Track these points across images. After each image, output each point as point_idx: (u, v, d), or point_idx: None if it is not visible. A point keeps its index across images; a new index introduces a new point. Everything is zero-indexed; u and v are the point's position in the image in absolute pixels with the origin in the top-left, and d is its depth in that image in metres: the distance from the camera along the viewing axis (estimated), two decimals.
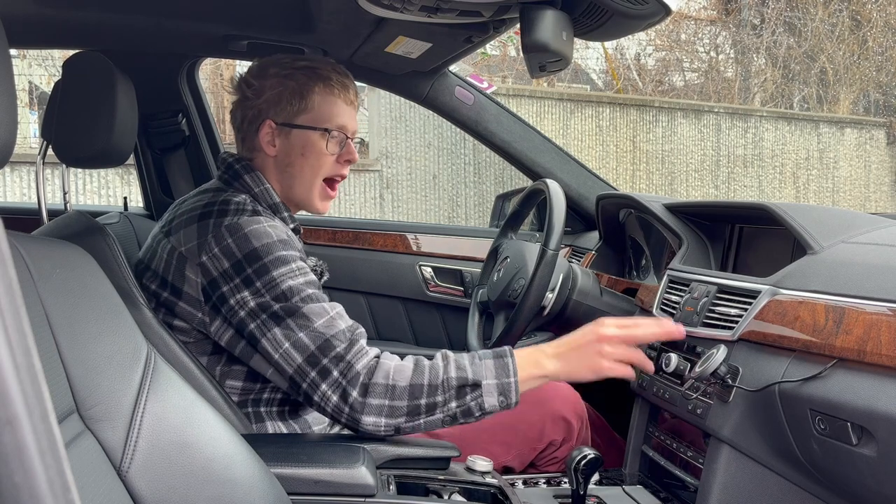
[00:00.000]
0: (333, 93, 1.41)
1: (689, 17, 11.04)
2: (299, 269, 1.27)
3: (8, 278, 0.33)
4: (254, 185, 1.40)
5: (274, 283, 1.23)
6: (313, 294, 1.25)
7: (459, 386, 1.22)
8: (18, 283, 0.34)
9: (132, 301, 1.22)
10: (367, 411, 1.19)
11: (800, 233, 1.28)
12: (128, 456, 0.88)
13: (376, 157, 7.71)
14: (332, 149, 1.41)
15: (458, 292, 2.34)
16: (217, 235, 1.27)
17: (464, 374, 1.22)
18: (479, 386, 1.22)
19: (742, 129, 9.49)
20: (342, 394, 1.19)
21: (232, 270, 1.25)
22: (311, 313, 1.23)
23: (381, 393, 1.19)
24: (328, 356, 1.20)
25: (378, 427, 1.20)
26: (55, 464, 0.34)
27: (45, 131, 1.53)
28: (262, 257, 1.25)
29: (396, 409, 1.20)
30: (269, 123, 1.40)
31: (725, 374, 1.24)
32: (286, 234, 1.30)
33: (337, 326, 1.23)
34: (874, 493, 1.03)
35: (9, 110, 0.64)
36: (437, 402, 1.21)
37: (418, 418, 1.21)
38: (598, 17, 1.25)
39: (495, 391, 1.22)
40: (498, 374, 1.23)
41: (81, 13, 1.70)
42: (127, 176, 6.53)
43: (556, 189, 1.68)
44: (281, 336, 1.22)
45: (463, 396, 1.21)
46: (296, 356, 1.21)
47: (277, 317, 1.23)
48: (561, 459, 1.55)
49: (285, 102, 1.40)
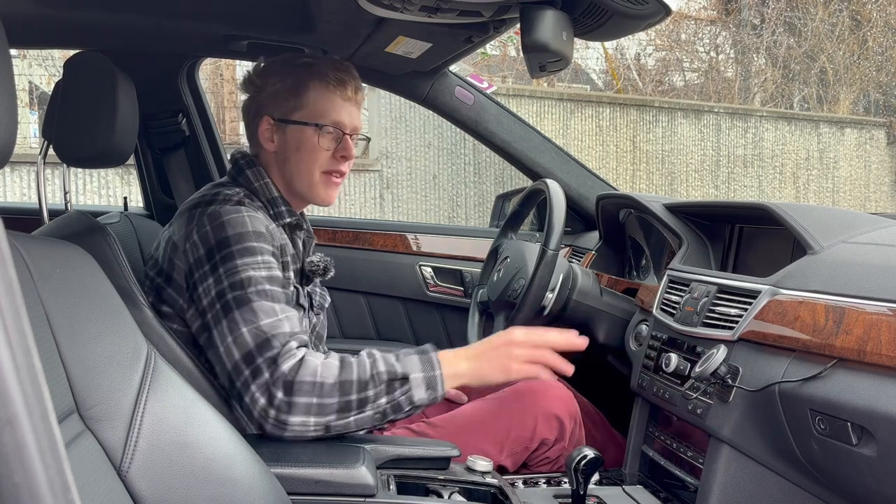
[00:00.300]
0: (329, 88, 1.42)
1: (689, 17, 11.04)
2: (264, 262, 1.29)
3: (8, 278, 0.33)
4: (254, 179, 1.43)
5: (235, 271, 1.25)
6: (269, 291, 1.26)
7: (389, 380, 1.23)
8: (18, 283, 0.34)
9: (132, 301, 1.22)
10: (294, 411, 1.18)
11: (800, 233, 1.28)
12: (128, 456, 0.88)
13: (376, 157, 7.71)
14: (326, 144, 1.42)
15: (458, 292, 2.34)
16: (200, 223, 1.31)
17: (392, 369, 1.23)
18: (407, 379, 1.23)
19: (742, 129, 9.49)
20: (269, 396, 1.18)
21: (205, 257, 1.28)
22: (259, 309, 1.24)
23: (307, 391, 1.19)
24: (263, 356, 1.21)
25: (307, 427, 1.19)
26: (55, 464, 0.34)
27: (45, 131, 1.53)
28: (232, 245, 1.27)
29: (326, 406, 1.19)
30: (266, 119, 1.44)
31: (725, 374, 1.24)
32: (265, 227, 1.32)
33: (280, 328, 1.24)
34: (874, 493, 1.03)
35: (9, 110, 0.64)
36: (368, 396, 1.21)
37: (349, 415, 1.20)
38: (598, 17, 1.25)
39: (423, 384, 1.24)
40: (424, 367, 1.25)
41: (81, 13, 1.70)
42: (127, 176, 6.53)
43: (556, 189, 1.68)
44: (226, 329, 1.24)
45: (393, 391, 1.22)
46: (235, 352, 1.22)
47: (228, 307, 1.24)
48: (553, 459, 1.55)
49: (282, 98, 1.42)
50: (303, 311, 1.44)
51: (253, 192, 1.41)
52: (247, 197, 1.37)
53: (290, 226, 1.46)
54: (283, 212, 1.44)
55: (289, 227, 1.46)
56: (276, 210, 1.43)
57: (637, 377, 1.58)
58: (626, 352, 1.72)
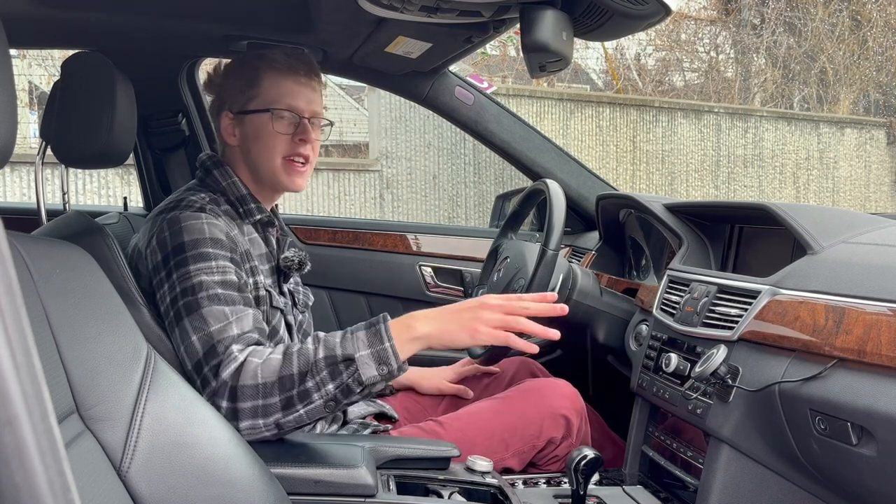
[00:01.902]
0: (281, 73, 1.43)
1: (689, 17, 11.04)
2: (219, 267, 1.28)
3: (8, 278, 0.33)
4: (221, 178, 1.45)
5: (187, 276, 1.26)
6: (221, 294, 1.26)
7: (330, 365, 1.18)
8: (18, 283, 0.34)
9: (132, 301, 1.22)
10: (241, 417, 1.17)
11: (800, 233, 1.28)
12: (128, 456, 0.88)
13: (376, 157, 7.71)
14: (282, 128, 1.43)
15: (458, 292, 2.34)
16: (160, 229, 1.32)
17: (332, 353, 1.18)
18: (352, 360, 1.17)
19: (742, 129, 9.49)
20: (216, 406, 1.17)
21: (161, 263, 1.29)
22: (209, 315, 1.24)
23: (251, 395, 1.17)
24: (209, 364, 1.21)
25: (256, 429, 1.18)
26: (55, 464, 0.34)
27: (44, 131, 1.53)
28: (187, 251, 1.27)
29: (270, 406, 1.17)
30: (226, 115, 1.47)
31: (725, 374, 1.24)
32: (225, 234, 1.32)
33: (227, 332, 1.23)
34: (874, 493, 1.03)
35: (9, 110, 0.64)
36: (308, 388, 1.17)
37: (295, 409, 1.18)
38: (598, 17, 1.25)
39: (372, 361, 1.17)
40: (371, 342, 1.18)
41: (81, 13, 1.70)
42: (127, 176, 6.53)
43: (556, 189, 1.68)
44: (178, 338, 1.25)
45: (338, 375, 1.17)
46: (187, 361, 1.23)
47: (179, 315, 1.25)
48: (561, 458, 1.55)
49: (238, 91, 1.45)
50: (279, 312, 1.43)
51: (221, 193, 1.42)
52: (212, 202, 1.38)
53: (262, 223, 1.47)
54: (252, 209, 1.44)
55: (260, 224, 1.47)
56: (244, 208, 1.44)
57: (637, 377, 1.58)
58: (626, 352, 1.72)
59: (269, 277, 1.45)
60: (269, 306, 1.40)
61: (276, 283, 1.49)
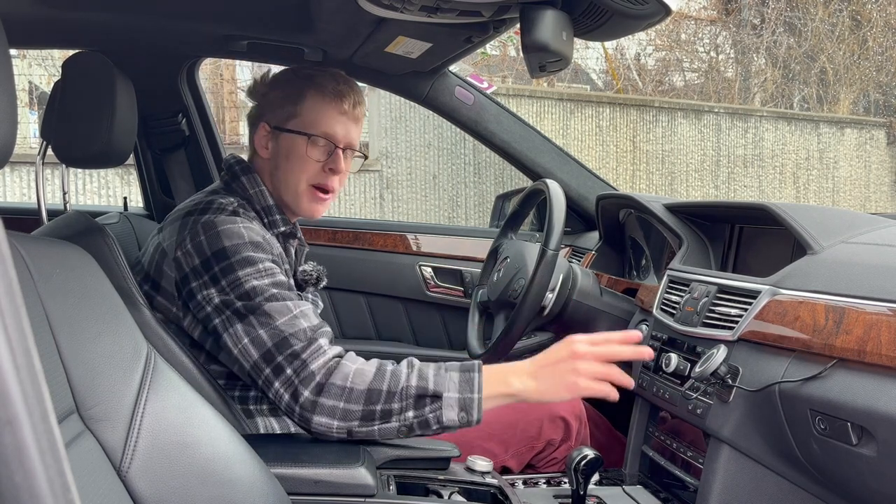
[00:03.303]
0: (325, 100, 1.42)
1: (689, 17, 11.04)
2: (266, 270, 1.28)
3: (8, 278, 0.33)
4: (249, 186, 1.43)
5: (238, 283, 1.25)
6: (277, 293, 1.26)
7: (418, 395, 1.18)
8: (18, 283, 0.34)
9: (132, 301, 1.22)
10: (318, 411, 1.18)
11: (800, 233, 1.28)
12: (128, 456, 0.88)
13: (376, 157, 7.71)
14: (315, 155, 1.41)
15: (458, 292, 2.34)
16: (193, 232, 1.29)
17: (424, 384, 1.18)
18: (439, 398, 1.18)
19: (742, 129, 9.49)
20: (293, 392, 1.19)
21: (201, 267, 1.27)
22: (272, 311, 1.23)
23: (336, 395, 1.18)
24: (283, 353, 1.21)
25: (330, 428, 1.19)
26: (55, 464, 0.34)
27: (44, 131, 1.53)
28: (230, 256, 1.26)
29: (350, 412, 1.18)
30: (263, 126, 1.45)
31: (725, 374, 1.24)
32: (261, 236, 1.31)
33: (298, 325, 1.23)
34: (874, 493, 1.03)
35: (9, 110, 0.64)
36: (392, 409, 1.18)
37: (372, 424, 1.19)
38: (598, 17, 1.25)
39: (456, 405, 1.18)
40: (461, 388, 1.19)
41: (81, 13, 1.70)
42: (127, 176, 6.53)
43: (556, 189, 1.68)
44: (241, 332, 1.23)
45: (422, 407, 1.18)
46: (252, 352, 1.22)
47: (240, 314, 1.24)
48: (560, 460, 1.55)
49: (279, 107, 1.43)
50: None
51: (247, 200, 1.40)
52: (241, 206, 1.36)
53: (284, 234, 1.46)
54: (277, 220, 1.43)
55: (283, 235, 1.46)
56: (270, 218, 1.42)
57: (637, 377, 1.58)
58: None
59: None
60: None
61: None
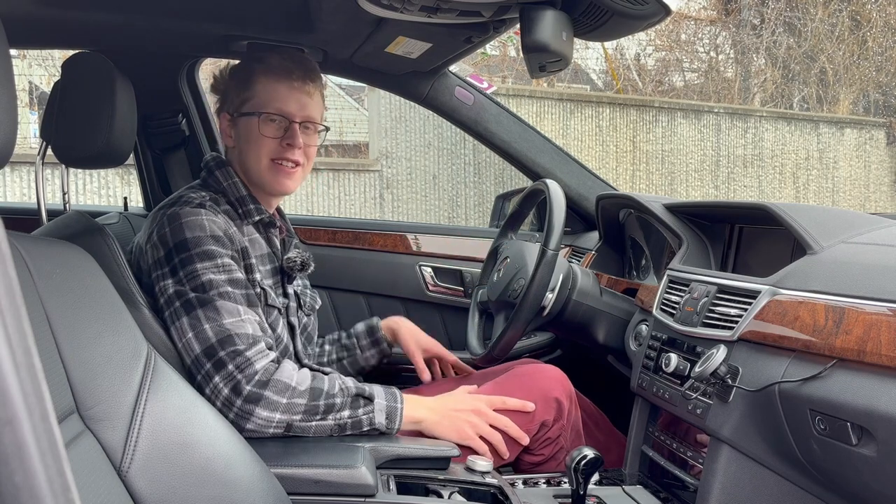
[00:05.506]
0: (274, 78, 1.45)
1: (689, 17, 11.04)
2: (224, 266, 1.31)
3: (8, 278, 0.33)
4: (223, 179, 1.47)
5: (195, 275, 1.28)
6: (231, 293, 1.29)
7: (356, 394, 1.30)
8: (18, 283, 0.34)
9: (132, 301, 1.22)
10: (262, 405, 1.22)
11: (800, 233, 1.28)
12: (128, 456, 0.88)
13: (376, 157, 7.71)
14: (270, 132, 1.45)
15: (458, 292, 2.34)
16: (159, 224, 1.34)
17: (361, 386, 1.31)
18: (372, 401, 1.31)
19: (742, 129, 9.49)
20: (234, 387, 1.22)
21: (164, 259, 1.31)
22: (222, 308, 1.27)
23: (281, 390, 1.24)
24: (226, 350, 1.24)
25: (269, 422, 1.23)
26: (55, 464, 0.34)
27: (44, 131, 1.53)
28: (190, 248, 1.30)
29: (295, 405, 1.24)
30: (224, 116, 1.50)
31: (725, 374, 1.24)
32: (223, 231, 1.35)
33: (243, 328, 1.27)
34: (874, 493, 1.03)
35: (9, 110, 0.64)
36: (335, 403, 1.27)
37: (313, 419, 1.25)
38: (598, 17, 1.25)
39: (384, 411, 1.31)
40: (387, 398, 1.33)
41: (81, 13, 1.70)
42: (127, 176, 6.53)
43: (556, 189, 1.68)
44: (187, 325, 1.26)
45: (357, 407, 1.29)
46: (195, 346, 1.25)
47: (190, 306, 1.27)
48: (554, 439, 1.55)
49: (235, 94, 1.48)
50: (276, 311, 1.45)
51: (222, 193, 1.45)
52: (211, 200, 1.40)
53: (263, 224, 1.48)
54: (251, 210, 1.46)
55: (261, 224, 1.47)
56: (244, 209, 1.46)
57: (637, 377, 1.58)
58: (626, 352, 1.72)
59: (269, 278, 1.45)
60: (264, 304, 1.41)
61: (280, 283, 1.49)
